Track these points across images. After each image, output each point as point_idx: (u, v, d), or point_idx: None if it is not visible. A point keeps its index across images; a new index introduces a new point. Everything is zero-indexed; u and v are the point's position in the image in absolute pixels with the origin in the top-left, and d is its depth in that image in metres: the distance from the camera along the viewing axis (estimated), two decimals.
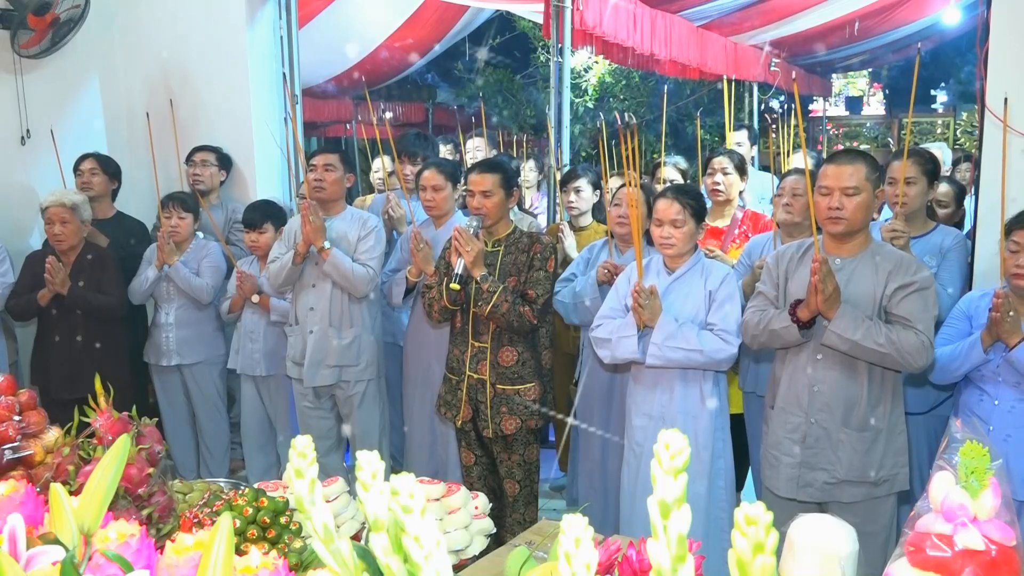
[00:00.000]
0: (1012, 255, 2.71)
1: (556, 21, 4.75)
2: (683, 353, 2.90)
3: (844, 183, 2.60)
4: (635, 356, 2.98)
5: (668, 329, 2.91)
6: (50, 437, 1.77)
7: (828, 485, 2.70)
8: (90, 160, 4.31)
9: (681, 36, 6.39)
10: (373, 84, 8.74)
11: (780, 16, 7.39)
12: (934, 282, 2.68)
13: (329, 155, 3.76)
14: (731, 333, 2.91)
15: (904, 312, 2.58)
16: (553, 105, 4.80)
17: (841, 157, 2.70)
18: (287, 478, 1.15)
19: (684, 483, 0.86)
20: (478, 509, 2.24)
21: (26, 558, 1.07)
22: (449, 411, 3.39)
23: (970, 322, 2.87)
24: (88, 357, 3.91)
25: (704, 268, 3.04)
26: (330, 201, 3.75)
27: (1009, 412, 2.72)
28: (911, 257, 2.76)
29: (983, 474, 1.23)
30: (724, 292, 2.97)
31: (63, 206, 3.84)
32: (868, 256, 2.68)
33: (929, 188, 3.30)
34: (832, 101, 12.58)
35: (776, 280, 2.82)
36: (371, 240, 3.71)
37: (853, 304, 2.61)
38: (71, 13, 4.31)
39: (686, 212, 2.96)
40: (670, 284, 3.03)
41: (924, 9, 7.82)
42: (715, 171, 4.00)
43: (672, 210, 2.96)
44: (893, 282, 2.61)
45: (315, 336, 3.72)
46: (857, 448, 2.66)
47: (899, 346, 2.53)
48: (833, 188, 2.62)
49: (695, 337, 2.90)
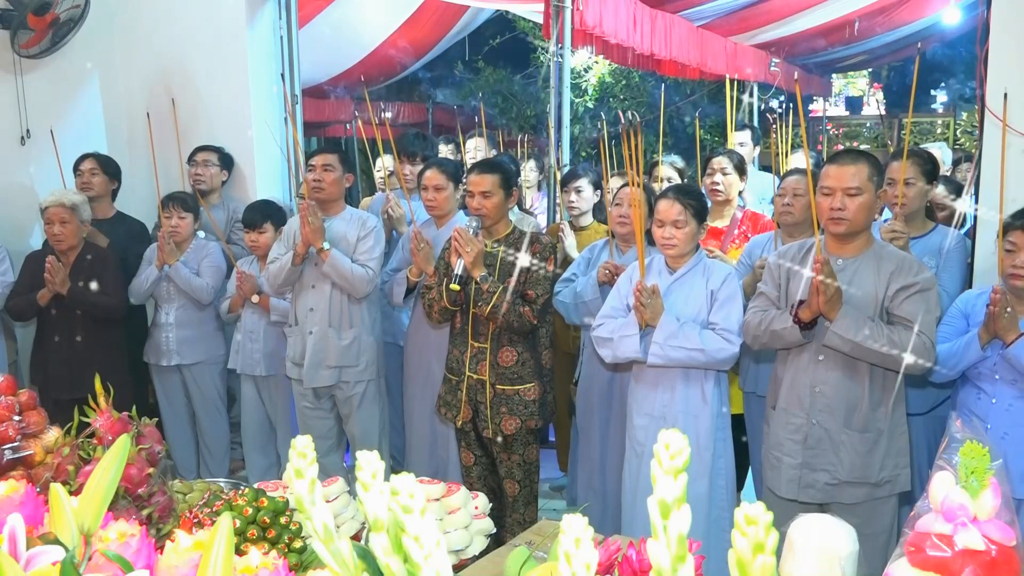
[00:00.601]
0: (1008, 255, 2.71)
1: (556, 21, 4.75)
2: (685, 352, 2.90)
3: (846, 184, 2.60)
4: (637, 355, 2.98)
5: (670, 328, 2.92)
6: (50, 437, 1.77)
7: (829, 486, 2.70)
8: (90, 160, 4.32)
9: (681, 36, 6.39)
10: (373, 84, 8.74)
11: (780, 16, 7.38)
12: (936, 283, 2.68)
13: (328, 155, 3.75)
14: (733, 333, 2.91)
15: (906, 313, 2.58)
16: (553, 105, 4.80)
17: (843, 157, 2.70)
18: (287, 478, 1.15)
19: (684, 483, 0.86)
20: (478, 509, 2.24)
21: (26, 558, 1.07)
22: (449, 411, 3.39)
23: (967, 320, 2.87)
24: (87, 357, 3.91)
25: (706, 268, 3.05)
26: (329, 201, 3.75)
27: (1007, 410, 2.72)
28: (913, 258, 2.76)
29: (983, 474, 1.23)
30: (726, 292, 2.98)
31: (63, 206, 3.84)
32: (870, 257, 2.68)
33: (928, 188, 3.30)
34: (832, 101, 12.59)
35: (777, 280, 2.82)
36: (370, 240, 3.71)
37: (855, 305, 2.61)
38: (71, 13, 4.31)
39: (687, 212, 2.97)
40: (672, 284, 3.04)
41: (924, 9, 7.82)
42: (714, 171, 4.00)
43: (674, 210, 2.97)
44: (895, 283, 2.61)
45: (315, 337, 3.72)
46: (859, 449, 2.66)
47: (901, 347, 2.53)
48: (835, 189, 2.62)
49: (697, 336, 2.90)
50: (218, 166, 4.50)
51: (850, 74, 12.47)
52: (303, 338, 3.75)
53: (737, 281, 3.04)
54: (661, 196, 3.08)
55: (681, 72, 7.46)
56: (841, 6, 7.30)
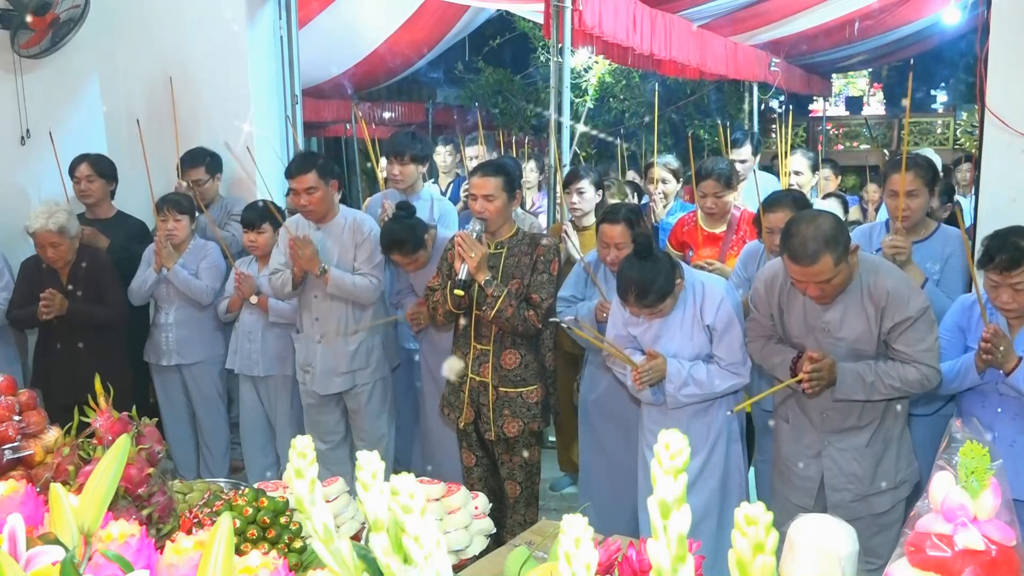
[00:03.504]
0: (992, 290, 2.63)
1: (556, 21, 4.74)
2: (699, 395, 2.93)
3: (815, 278, 2.49)
4: (652, 402, 3.01)
5: (679, 379, 2.91)
6: (50, 437, 1.77)
7: (855, 503, 2.72)
8: (85, 165, 4.27)
9: (681, 36, 6.38)
10: (373, 84, 8.74)
11: (780, 16, 7.38)
12: (930, 305, 2.61)
13: (305, 176, 3.55)
14: (739, 364, 2.93)
15: (903, 347, 2.58)
16: (553, 105, 4.80)
17: (800, 253, 2.47)
18: (287, 478, 1.15)
19: (684, 483, 0.86)
20: (478, 509, 2.24)
21: (26, 558, 1.07)
22: (452, 412, 3.39)
23: (964, 334, 2.82)
24: (90, 363, 3.87)
25: (696, 298, 2.94)
26: (323, 215, 3.70)
27: (1012, 420, 2.70)
28: (902, 285, 2.62)
29: (983, 474, 1.23)
30: (723, 323, 2.92)
31: (50, 232, 3.78)
32: (855, 294, 2.60)
33: (930, 196, 3.18)
34: (832, 101, 12.59)
35: (769, 310, 2.80)
36: (369, 247, 3.68)
37: (852, 342, 2.62)
38: (71, 13, 4.31)
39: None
40: (663, 323, 2.97)
41: (924, 9, 7.81)
42: (706, 195, 3.85)
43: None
44: (888, 320, 2.58)
45: (323, 346, 3.72)
46: (872, 461, 2.70)
47: (904, 386, 2.58)
48: (807, 283, 2.52)
49: (706, 378, 2.91)
50: (210, 177, 4.44)
51: (850, 74, 12.48)
52: (310, 345, 3.76)
53: (730, 304, 2.94)
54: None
55: (681, 72, 7.45)
56: (841, 6, 7.29)
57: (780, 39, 7.98)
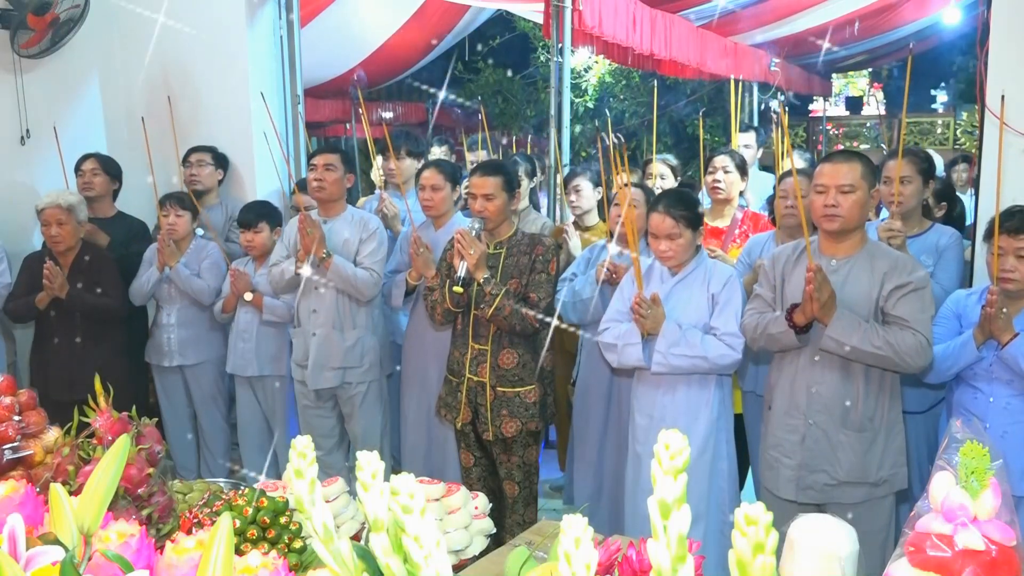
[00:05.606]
0: (998, 258, 2.70)
1: (556, 21, 4.75)
2: (688, 360, 2.91)
3: (840, 181, 2.62)
4: (641, 363, 2.98)
5: (672, 337, 2.91)
6: (50, 437, 1.77)
7: (828, 487, 2.70)
8: (91, 160, 4.31)
9: (681, 36, 6.39)
10: (374, 84, 8.74)
11: (780, 16, 7.39)
12: (931, 281, 2.69)
13: (329, 155, 3.74)
14: (735, 337, 2.91)
15: (901, 313, 2.59)
16: (553, 105, 4.80)
17: (837, 156, 2.73)
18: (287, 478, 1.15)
19: (684, 483, 0.86)
20: (478, 509, 2.24)
21: (26, 558, 1.07)
22: (449, 413, 3.38)
23: (959, 321, 2.87)
24: (87, 359, 3.89)
25: (707, 270, 3.03)
26: (330, 201, 3.74)
27: (1004, 409, 2.73)
28: (908, 257, 2.77)
29: (983, 474, 1.23)
30: (726, 295, 2.96)
31: (59, 207, 3.83)
32: (864, 257, 2.69)
33: (924, 187, 3.32)
34: (832, 101, 12.59)
35: (773, 282, 2.83)
36: (373, 243, 3.70)
37: (850, 306, 2.62)
38: (71, 13, 4.31)
39: (680, 224, 2.95)
40: (673, 287, 3.03)
41: (924, 9, 7.82)
42: (716, 169, 4.00)
43: (666, 224, 2.96)
44: (889, 283, 2.62)
45: (318, 339, 3.71)
46: (856, 449, 2.67)
47: (897, 348, 2.55)
48: (829, 186, 2.64)
49: (700, 343, 2.90)
50: (212, 165, 4.48)
51: (850, 74, 12.49)
52: (306, 340, 3.75)
53: (738, 283, 3.03)
54: (652, 209, 3.06)
55: (681, 72, 7.46)
56: (841, 6, 7.30)
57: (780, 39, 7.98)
